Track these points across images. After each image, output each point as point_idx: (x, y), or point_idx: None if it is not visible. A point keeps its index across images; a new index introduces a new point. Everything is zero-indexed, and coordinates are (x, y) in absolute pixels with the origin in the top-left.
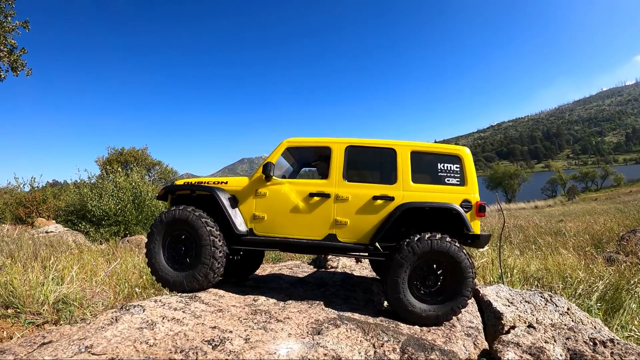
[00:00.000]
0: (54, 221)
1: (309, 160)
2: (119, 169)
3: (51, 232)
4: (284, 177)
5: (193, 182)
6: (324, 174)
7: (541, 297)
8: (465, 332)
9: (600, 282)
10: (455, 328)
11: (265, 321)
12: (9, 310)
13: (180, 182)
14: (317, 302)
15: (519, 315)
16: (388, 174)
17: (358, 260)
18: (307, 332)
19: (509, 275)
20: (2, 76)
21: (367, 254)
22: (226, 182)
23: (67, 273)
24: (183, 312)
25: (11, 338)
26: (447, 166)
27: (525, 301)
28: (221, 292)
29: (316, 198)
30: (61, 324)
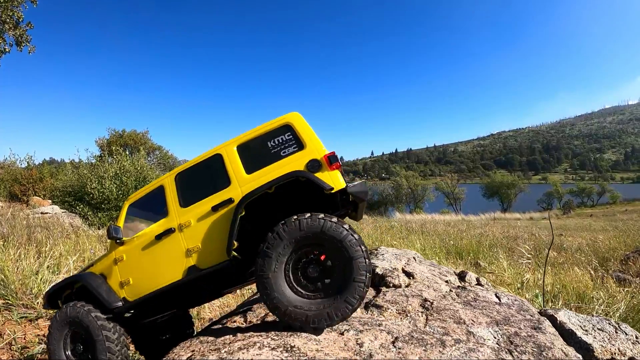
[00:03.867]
0: (49, 201)
1: (159, 208)
2: (125, 151)
3: (47, 213)
4: None
5: (65, 279)
6: (166, 213)
7: (609, 324)
8: None
9: (622, 302)
10: None
11: None
12: None
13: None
14: (426, 338)
15: (602, 346)
16: (221, 181)
17: None
18: None
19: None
20: (6, 50)
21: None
22: (93, 264)
23: (64, 261)
24: None
25: (1, 336)
26: (278, 140)
27: (598, 329)
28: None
29: (164, 238)
30: None
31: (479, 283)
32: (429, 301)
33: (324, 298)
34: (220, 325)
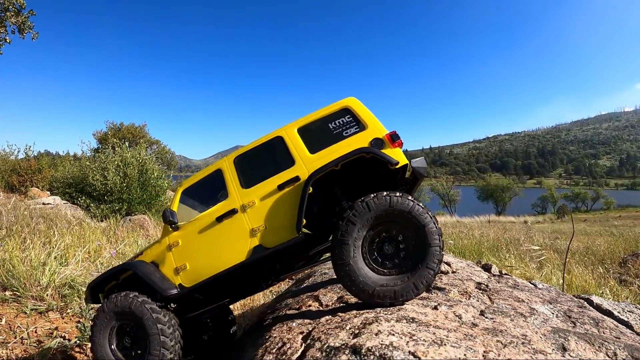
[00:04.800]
0: (48, 192)
1: (216, 192)
2: (125, 144)
3: (48, 203)
4: None
5: (110, 269)
6: (226, 195)
7: (636, 307)
8: None
9: (627, 300)
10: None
11: (523, 342)
12: (7, 293)
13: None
14: (505, 311)
15: (637, 324)
16: (285, 161)
17: None
18: (554, 350)
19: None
20: (8, 40)
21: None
22: (142, 253)
23: (71, 252)
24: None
25: (11, 329)
26: (338, 122)
27: (628, 311)
28: (416, 308)
29: (225, 220)
30: (68, 313)
31: (504, 274)
32: (483, 284)
33: (405, 271)
34: (294, 311)
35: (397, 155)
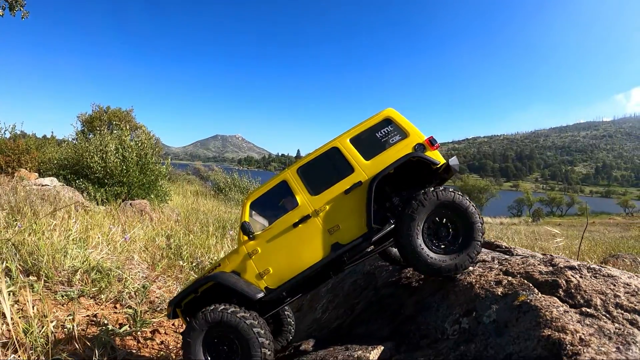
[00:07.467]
0: (36, 174)
1: (278, 202)
2: (127, 125)
3: (46, 185)
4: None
5: (193, 283)
6: (296, 203)
7: None
8: None
9: None
10: None
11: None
12: (31, 278)
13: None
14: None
15: None
16: (344, 169)
17: None
18: None
19: None
20: (0, 12)
21: (376, 241)
22: (219, 265)
23: (90, 236)
24: None
25: (45, 316)
26: (383, 131)
27: None
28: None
29: (301, 225)
30: (102, 299)
31: None
32: (546, 255)
33: (450, 254)
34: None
35: (437, 156)
